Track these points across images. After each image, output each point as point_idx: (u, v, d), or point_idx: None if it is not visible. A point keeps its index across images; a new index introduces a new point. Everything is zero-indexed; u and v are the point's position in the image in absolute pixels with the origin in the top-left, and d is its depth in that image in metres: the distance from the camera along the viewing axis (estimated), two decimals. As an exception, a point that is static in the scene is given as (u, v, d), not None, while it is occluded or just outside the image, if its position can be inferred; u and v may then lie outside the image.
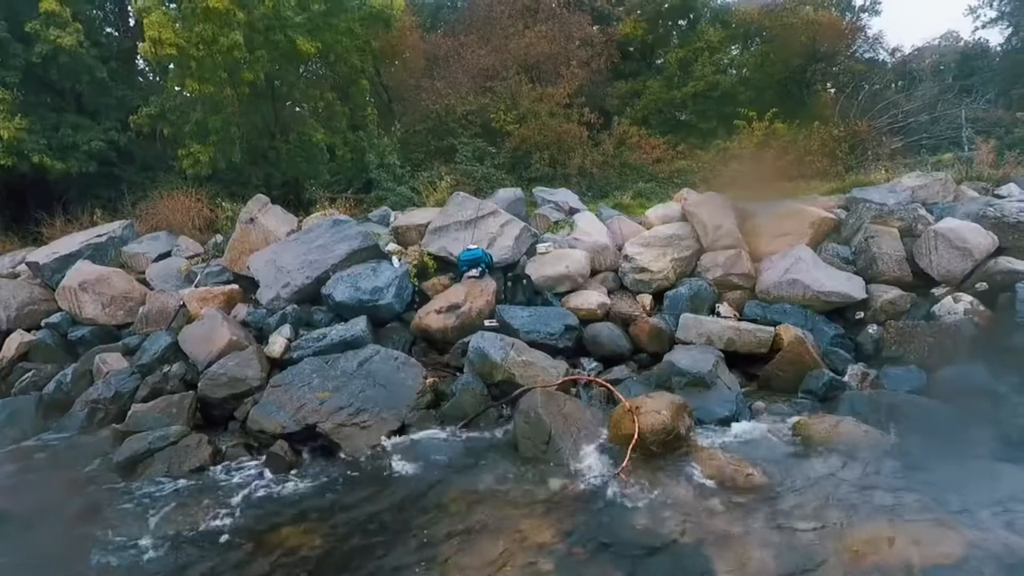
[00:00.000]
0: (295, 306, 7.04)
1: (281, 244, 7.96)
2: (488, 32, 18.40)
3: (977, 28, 31.66)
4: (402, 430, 5.40)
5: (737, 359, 6.06)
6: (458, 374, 6.07)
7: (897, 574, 3.29)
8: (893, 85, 24.80)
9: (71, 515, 4.39)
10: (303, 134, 13.09)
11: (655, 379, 5.76)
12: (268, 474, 4.91)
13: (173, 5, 11.27)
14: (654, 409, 4.78)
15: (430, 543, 3.86)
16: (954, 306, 6.20)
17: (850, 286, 6.53)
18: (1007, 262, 6.36)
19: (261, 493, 4.66)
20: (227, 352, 6.31)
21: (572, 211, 8.87)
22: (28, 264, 8.58)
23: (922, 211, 7.51)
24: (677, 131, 19.36)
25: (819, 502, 4.05)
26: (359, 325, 6.52)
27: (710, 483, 4.26)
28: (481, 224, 7.56)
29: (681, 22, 22.55)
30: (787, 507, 4.01)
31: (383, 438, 5.25)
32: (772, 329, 6.05)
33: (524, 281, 6.93)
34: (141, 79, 15.18)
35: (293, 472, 4.94)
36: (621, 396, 5.20)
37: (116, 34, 14.07)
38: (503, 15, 18.52)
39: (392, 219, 9.06)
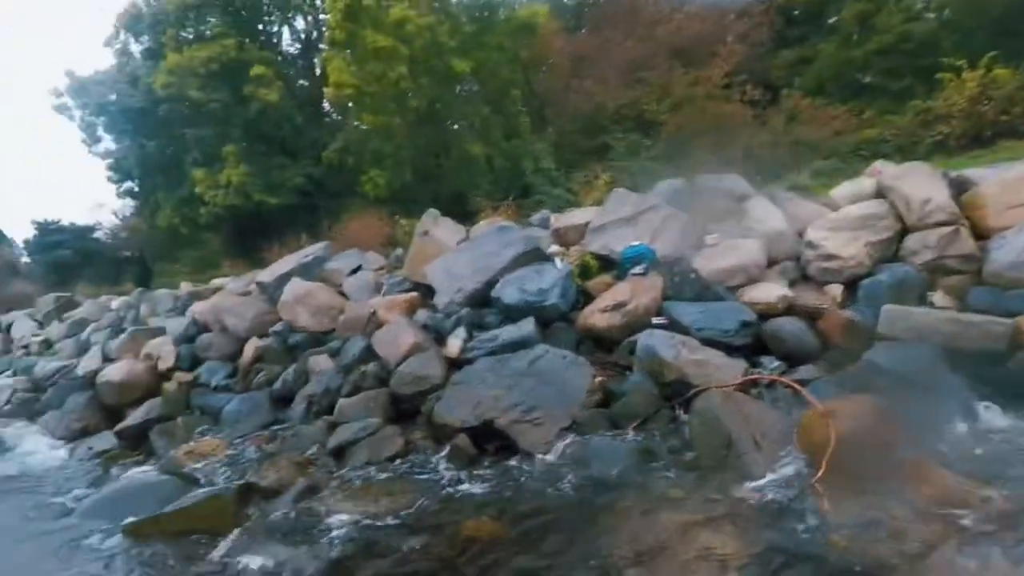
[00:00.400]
0: (468, 309, 7.49)
1: (453, 253, 8.55)
2: (632, 23, 17.94)
3: None
4: (574, 428, 5.46)
5: (961, 358, 5.10)
6: (627, 373, 5.97)
7: None
8: None
9: (297, 492, 5.16)
10: (462, 149, 13.98)
11: (852, 380, 5.07)
12: (451, 464, 5.32)
13: (349, 51, 12.79)
14: (852, 414, 4.24)
15: (604, 548, 3.82)
16: None
17: (1123, 262, 5.17)
18: None
19: (445, 480, 5.07)
20: (412, 353, 6.92)
21: (743, 197, 8.24)
22: (257, 284, 10.29)
23: None
24: (861, 96, 17.04)
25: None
26: (527, 326, 6.73)
27: (932, 503, 3.65)
28: (642, 219, 7.37)
29: (858, -29, 19.78)
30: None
31: (555, 435, 5.36)
32: (1011, 321, 4.98)
33: (692, 275, 6.60)
34: (327, 119, 17.43)
35: (473, 464, 5.27)
36: (812, 398, 4.70)
37: (307, 84, 16.34)
38: (647, 2, 17.92)
39: (552, 221, 9.24)
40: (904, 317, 5.36)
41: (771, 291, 6.22)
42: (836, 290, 6.17)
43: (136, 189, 18.33)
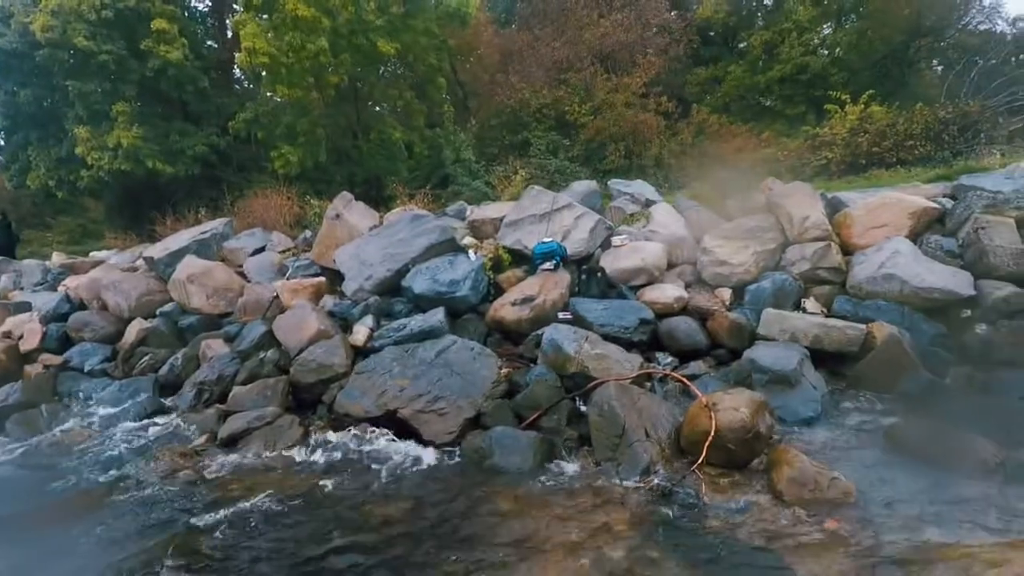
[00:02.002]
0: (377, 298, 7.38)
1: (364, 239, 8.35)
2: (562, 24, 18.32)
3: (1120, -11, 27.79)
4: (478, 418, 5.55)
5: (824, 358, 5.73)
6: (532, 365, 6.14)
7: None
8: (1013, 59, 22.35)
9: (182, 483, 4.87)
10: (383, 132, 13.64)
11: (734, 376, 5.57)
12: (352, 455, 5.23)
13: (266, 17, 12.07)
14: (732, 406, 4.63)
15: (502, 530, 3.96)
16: (1082, 305, 5.57)
17: (955, 282, 6.00)
18: None
19: (345, 471, 4.97)
20: (315, 340, 6.72)
21: (648, 203, 8.70)
22: (145, 259, 9.51)
23: (1045, 199, 6.76)
24: (761, 118, 18.47)
25: (909, 513, 3.78)
26: (437, 316, 6.74)
27: (791, 486, 4.07)
28: (555, 217, 7.58)
29: (766, 2, 21.43)
30: (874, 516, 3.78)
31: (460, 425, 5.43)
32: (864, 327, 5.67)
33: (598, 274, 6.90)
34: (237, 87, 16.36)
35: (375, 454, 5.22)
36: (698, 391, 5.08)
37: (216, 46, 15.22)
38: (577, 5, 18.36)
39: (468, 213, 9.27)
40: (780, 320, 5.92)
41: (669, 292, 6.63)
42: (726, 293, 6.69)
43: (1, 143, 16.24)
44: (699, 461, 4.41)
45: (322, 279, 8.13)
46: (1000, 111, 15.33)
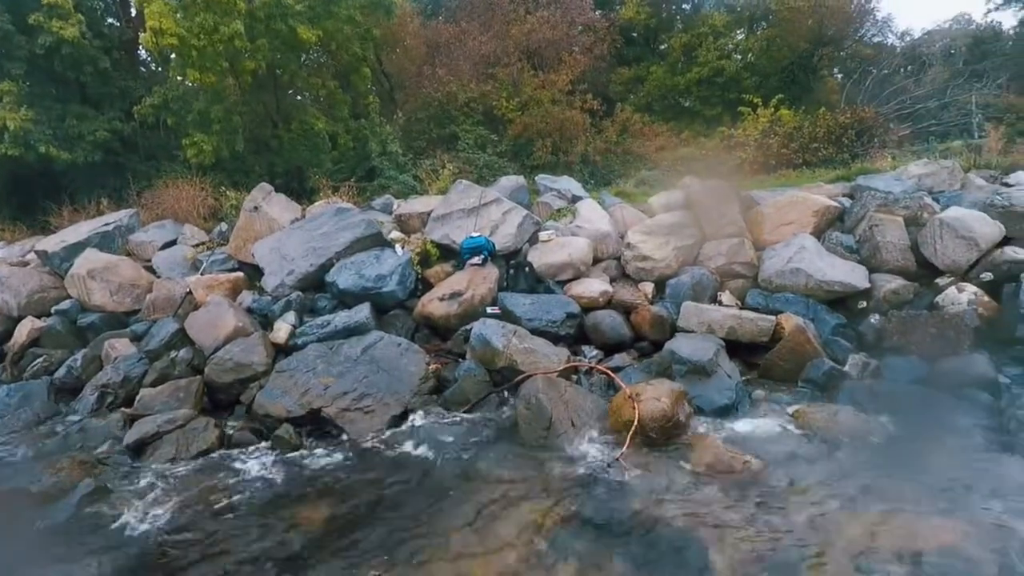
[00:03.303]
0: (299, 293, 7.11)
1: (285, 232, 8.01)
2: (489, 18, 18.26)
3: (990, 10, 31.07)
4: (405, 415, 5.48)
5: (738, 348, 6.07)
6: (460, 360, 6.13)
7: (891, 563, 3.32)
8: (902, 70, 24.52)
9: (81, 496, 4.49)
10: (305, 122, 13.08)
11: (656, 367, 5.79)
12: (274, 457, 5.02)
13: (174, -7, 11.25)
14: (654, 396, 4.82)
15: (432, 524, 3.94)
16: (958, 296, 6.17)
17: (853, 275, 6.52)
18: (1013, 252, 6.27)
19: (267, 474, 4.76)
20: (233, 338, 6.39)
21: (575, 199, 8.88)
22: (37, 253, 8.67)
23: (928, 200, 7.46)
24: (681, 118, 19.25)
25: (815, 490, 4.08)
26: (363, 311, 6.59)
27: (707, 470, 4.31)
28: (483, 212, 7.58)
29: (685, 6, 22.32)
30: (782, 494, 4.05)
31: (387, 422, 5.34)
32: (774, 318, 6.05)
33: (526, 269, 6.97)
34: (144, 69, 15.17)
35: (298, 455, 5.03)
36: (622, 383, 5.25)
37: (118, 25, 14.03)
38: (504, 0, 18.35)
39: (395, 207, 9.10)
40: (698, 313, 6.22)
41: (595, 286, 6.80)
42: (648, 288, 6.94)
43: None
44: (623, 449, 4.56)
45: (239, 274, 7.73)
46: (891, 117, 16.79)
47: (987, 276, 6.30)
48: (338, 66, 15.21)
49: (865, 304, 6.44)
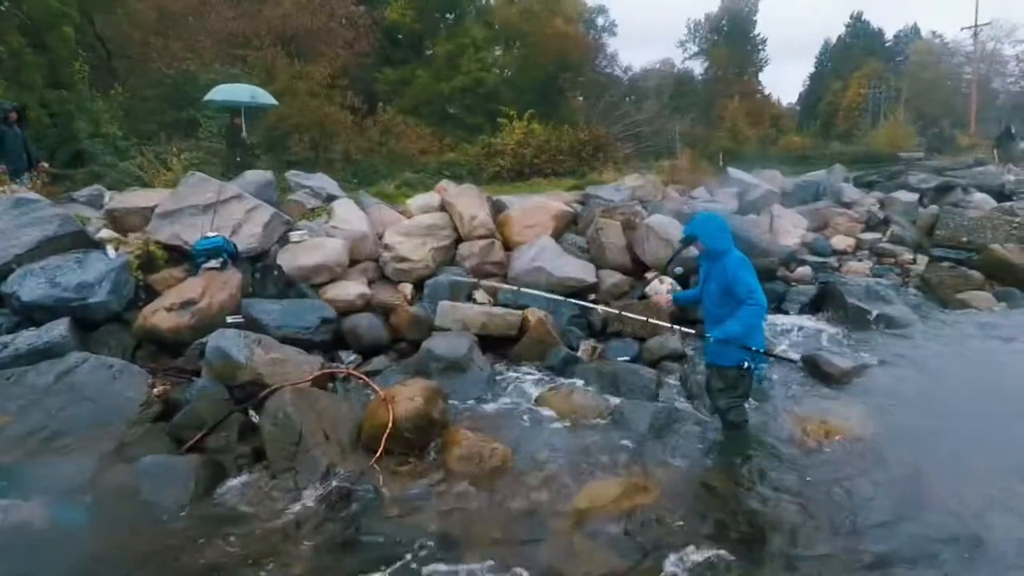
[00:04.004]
0: (-46, 311, 5.45)
1: (-69, 230, 6.07)
2: (236, -7, 16.52)
3: (685, 59, 39.00)
4: (120, 450, 4.58)
5: (491, 342, 6.47)
6: (195, 379, 5.36)
7: (612, 523, 3.79)
8: (627, 99, 29.13)
9: None
10: (-29, 87, 10.16)
11: (413, 367, 5.83)
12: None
13: None
14: (408, 396, 4.83)
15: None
16: (660, 287, 7.49)
17: (584, 272, 7.46)
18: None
19: None
20: None
21: (330, 198, 8.49)
22: None
23: (639, 207, 8.93)
24: (445, 123, 19.96)
25: (552, 467, 4.48)
26: (57, 329, 5.35)
27: (460, 462, 4.46)
28: (223, 209, 6.76)
29: (448, 15, 23.17)
30: (525, 476, 4.38)
31: (93, 464, 4.39)
32: (520, 312, 6.59)
33: (275, 272, 6.42)
34: None
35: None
36: (376, 386, 5.16)
37: None
38: (254, -25, 16.80)
39: (106, 200, 7.58)
40: (454, 311, 6.46)
41: (351, 289, 6.60)
42: (407, 288, 6.99)
43: None
44: (378, 454, 4.47)
45: None
46: (620, 137, 19.79)
47: (679, 270, 7.75)
48: (27, 20, 12.15)
49: (594, 296, 7.42)
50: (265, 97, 11.46)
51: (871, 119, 30.83)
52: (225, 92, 11.32)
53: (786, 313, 7.81)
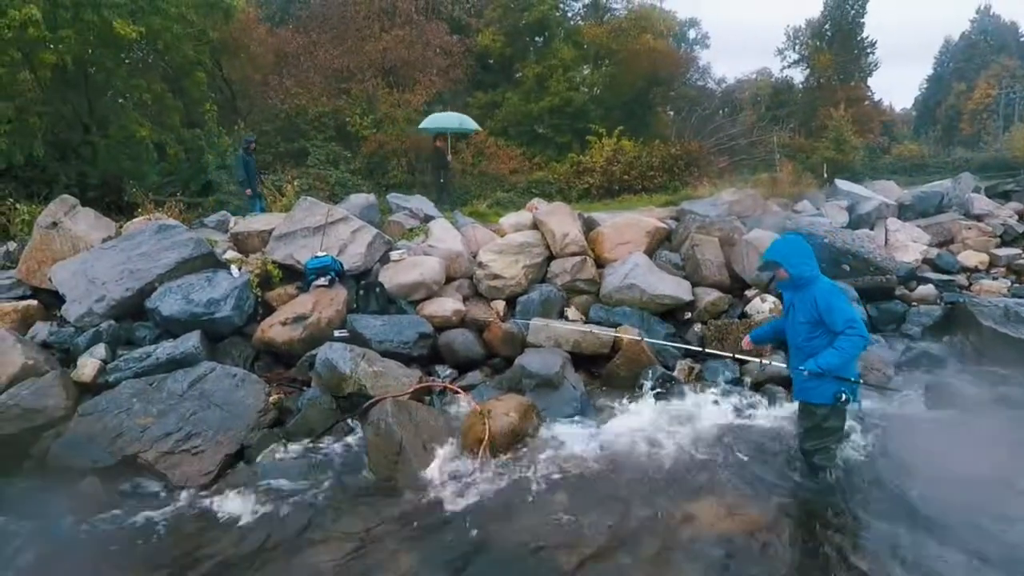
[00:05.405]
0: (112, 322, 6.21)
1: (94, 252, 6.99)
2: (343, 32, 17.82)
3: (784, 67, 37.12)
4: (241, 454, 5.00)
5: (583, 360, 6.41)
6: (305, 389, 5.74)
7: (711, 546, 3.66)
8: (720, 111, 28.17)
9: None
10: (125, 129, 11.62)
11: (507, 382, 5.90)
12: (75, 516, 4.25)
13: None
14: (503, 411, 4.90)
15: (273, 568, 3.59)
16: (761, 306, 7.11)
17: (679, 289, 7.23)
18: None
19: (69, 538, 4.02)
20: (21, 379, 5.40)
21: (427, 218, 8.85)
22: None
23: (737, 222, 8.54)
24: (534, 143, 20.22)
25: (647, 485, 4.40)
26: (191, 341, 5.93)
27: (553, 477, 4.46)
28: (331, 231, 7.25)
29: (537, 39, 23.61)
30: (618, 491, 4.31)
31: (219, 463, 4.81)
32: (613, 331, 6.49)
33: (377, 289, 6.76)
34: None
35: (109, 512, 4.32)
36: (473, 400, 5.27)
37: None
38: (358, 15, 18.03)
39: (231, 225, 8.37)
40: (546, 328, 6.48)
41: (447, 305, 6.80)
42: (500, 305, 7.10)
43: None
44: (475, 468, 4.55)
45: (32, 302, 6.59)
46: (713, 151, 19.14)
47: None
48: (168, 68, 13.81)
49: (690, 315, 7.17)
50: (470, 123, 13.15)
51: (1003, 122, 27.69)
52: (437, 120, 13.01)
53: (908, 336, 7.14)
